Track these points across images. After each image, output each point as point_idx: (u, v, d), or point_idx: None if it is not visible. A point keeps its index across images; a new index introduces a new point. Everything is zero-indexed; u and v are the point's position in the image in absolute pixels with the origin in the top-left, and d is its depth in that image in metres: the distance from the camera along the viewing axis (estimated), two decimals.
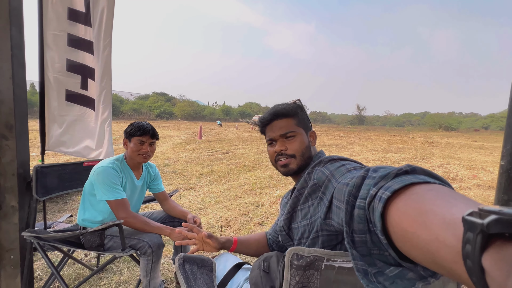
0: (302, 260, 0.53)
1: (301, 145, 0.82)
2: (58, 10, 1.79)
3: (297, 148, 0.81)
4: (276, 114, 0.84)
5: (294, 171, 0.82)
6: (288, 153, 0.82)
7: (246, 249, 0.97)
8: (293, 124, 0.83)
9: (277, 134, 0.83)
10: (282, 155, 0.82)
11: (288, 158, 0.82)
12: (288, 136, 0.82)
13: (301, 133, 0.83)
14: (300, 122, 0.84)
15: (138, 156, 1.43)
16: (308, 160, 0.82)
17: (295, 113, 0.84)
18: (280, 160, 0.83)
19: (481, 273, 0.21)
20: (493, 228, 0.20)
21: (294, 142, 0.82)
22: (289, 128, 0.82)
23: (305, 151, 0.82)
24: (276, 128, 0.84)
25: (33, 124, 1.92)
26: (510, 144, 1.07)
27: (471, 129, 49.70)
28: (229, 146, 10.17)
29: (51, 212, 2.94)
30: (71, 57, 1.88)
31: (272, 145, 0.86)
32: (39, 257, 1.94)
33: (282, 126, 0.83)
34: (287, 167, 0.82)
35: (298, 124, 0.84)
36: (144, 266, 1.36)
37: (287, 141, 0.82)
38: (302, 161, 0.81)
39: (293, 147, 0.81)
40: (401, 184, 0.37)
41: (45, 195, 1.53)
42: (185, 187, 4.23)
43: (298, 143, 0.82)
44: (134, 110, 46.88)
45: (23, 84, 1.34)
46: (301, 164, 0.81)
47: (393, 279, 0.41)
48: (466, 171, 6.31)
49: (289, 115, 0.84)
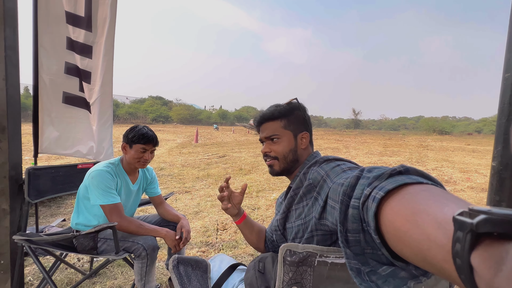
0: (295, 256, 0.53)
1: (285, 148, 0.84)
2: (56, 14, 1.79)
3: (280, 151, 0.84)
4: (264, 117, 0.88)
5: (277, 173, 0.87)
6: (271, 155, 0.86)
7: (248, 231, 0.96)
8: (278, 127, 0.85)
9: (263, 136, 0.88)
10: (267, 156, 0.87)
11: (272, 159, 0.86)
12: (273, 138, 0.86)
13: (287, 136, 0.85)
14: (288, 124, 0.85)
15: (138, 163, 1.43)
16: (292, 163, 0.85)
17: (283, 115, 0.85)
18: (266, 160, 0.88)
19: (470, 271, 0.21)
20: (482, 227, 0.20)
21: (277, 145, 0.85)
22: (274, 131, 0.85)
23: (288, 154, 0.84)
24: (263, 130, 0.88)
25: (26, 128, 1.89)
26: (501, 145, 1.09)
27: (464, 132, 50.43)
28: (226, 149, 10.15)
29: (44, 216, 2.89)
30: (69, 60, 1.89)
31: (263, 144, 0.90)
32: (30, 261, 1.89)
33: (267, 128, 0.87)
34: (271, 167, 0.87)
35: (285, 127, 0.85)
36: (138, 269, 1.33)
37: (272, 143, 0.86)
38: (285, 164, 0.85)
39: (277, 149, 0.85)
40: (395, 184, 0.37)
41: (38, 197, 1.50)
42: (181, 191, 4.20)
43: (282, 147, 0.84)
44: (130, 114, 46.56)
45: (17, 85, 1.33)
46: (284, 167, 0.85)
47: (385, 278, 0.41)
48: (460, 174, 6.39)
49: (276, 118, 0.86)
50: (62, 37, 1.84)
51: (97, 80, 1.94)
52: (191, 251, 2.25)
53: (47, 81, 1.83)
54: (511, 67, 1.04)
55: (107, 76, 1.95)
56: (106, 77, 1.95)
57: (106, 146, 2.00)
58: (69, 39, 1.85)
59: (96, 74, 1.94)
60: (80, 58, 1.90)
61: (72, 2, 1.80)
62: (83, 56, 1.90)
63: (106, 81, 1.95)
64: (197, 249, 2.31)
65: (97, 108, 1.97)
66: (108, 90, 1.97)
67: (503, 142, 1.07)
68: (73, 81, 1.93)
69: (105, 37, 1.89)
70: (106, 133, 2.00)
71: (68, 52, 1.87)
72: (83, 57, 1.90)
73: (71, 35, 1.84)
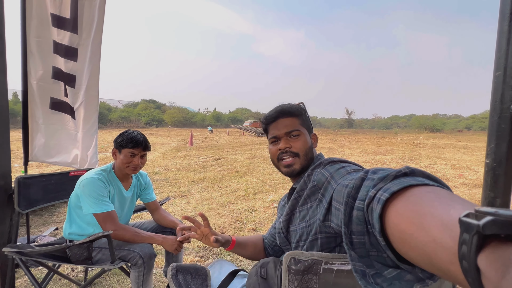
0: (300, 265, 0.52)
1: (305, 145, 0.82)
2: (42, 17, 1.74)
3: (301, 147, 0.81)
4: (282, 112, 0.84)
5: (297, 172, 0.81)
6: (292, 151, 0.80)
7: (243, 251, 0.95)
8: (298, 124, 0.83)
9: (282, 132, 0.82)
10: (287, 153, 0.81)
11: (293, 157, 0.80)
12: (293, 134, 0.82)
13: (305, 133, 0.84)
14: (304, 123, 0.85)
15: (127, 168, 1.38)
16: (310, 161, 0.82)
17: (300, 113, 0.85)
18: (284, 158, 0.82)
19: (477, 274, 0.21)
20: (489, 229, 0.20)
21: (298, 141, 0.81)
22: (294, 127, 0.82)
23: (308, 151, 0.82)
24: (281, 125, 0.83)
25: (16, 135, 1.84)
26: (494, 142, 1.11)
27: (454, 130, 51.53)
28: (221, 152, 10.11)
29: (35, 225, 2.81)
30: (56, 64, 1.83)
31: (275, 143, 0.85)
32: (21, 273, 1.83)
33: (287, 124, 0.83)
34: (290, 167, 0.81)
35: (302, 124, 0.85)
36: (135, 278, 1.30)
37: (292, 139, 0.82)
38: (305, 161, 0.81)
39: (298, 145, 0.81)
40: (400, 186, 0.37)
41: (28, 207, 1.46)
42: (177, 195, 4.15)
43: (303, 142, 0.81)
44: (123, 118, 46.00)
45: (5, 91, 1.29)
46: (304, 165, 0.81)
47: (391, 281, 0.41)
48: (452, 170, 6.51)
49: (295, 115, 0.84)
50: (49, 41, 1.79)
51: (82, 84, 1.89)
52: (188, 256, 2.22)
53: (35, 86, 1.78)
54: (501, 66, 1.06)
55: (92, 80, 1.89)
56: (92, 81, 1.89)
57: (90, 154, 1.94)
58: (54, 42, 1.80)
59: (81, 78, 1.88)
60: (65, 61, 1.84)
61: (57, 4, 1.75)
62: (68, 59, 1.84)
63: (92, 85, 1.90)
64: (195, 254, 2.28)
65: (81, 114, 1.92)
66: (94, 94, 1.91)
67: (496, 140, 1.09)
68: (59, 86, 1.88)
69: (92, 39, 1.84)
70: (90, 141, 1.94)
71: (54, 56, 1.82)
72: (68, 60, 1.84)
73: (56, 38, 1.79)
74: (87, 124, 1.93)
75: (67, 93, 1.90)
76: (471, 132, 45.76)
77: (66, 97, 1.91)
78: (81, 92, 1.90)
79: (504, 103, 1.05)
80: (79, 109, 1.92)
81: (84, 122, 1.93)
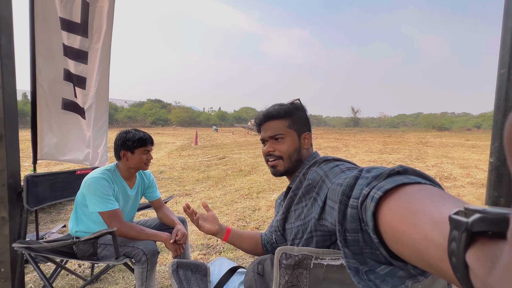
0: (290, 259, 0.53)
1: (289, 148, 0.83)
2: (52, 20, 1.80)
3: (285, 150, 0.83)
4: (268, 116, 0.86)
5: (281, 173, 0.85)
6: (275, 154, 0.84)
7: (240, 243, 0.96)
8: (283, 127, 0.84)
9: (267, 135, 0.86)
10: (271, 156, 0.85)
11: (276, 159, 0.84)
12: (277, 138, 0.84)
13: (291, 135, 0.84)
14: (293, 124, 0.85)
15: (145, 165, 1.48)
16: (296, 162, 0.84)
17: (288, 114, 0.85)
18: (269, 160, 0.86)
19: (465, 270, 0.22)
20: (477, 226, 0.21)
21: (282, 144, 0.84)
22: (278, 131, 0.84)
23: (293, 153, 0.83)
24: (267, 129, 0.86)
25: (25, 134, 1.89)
26: (498, 141, 1.09)
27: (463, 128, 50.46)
28: (225, 151, 10.15)
29: (44, 222, 2.89)
30: (67, 66, 1.89)
31: (264, 144, 0.89)
32: (31, 269, 1.89)
33: (272, 127, 0.85)
34: (274, 168, 0.86)
35: (289, 126, 0.85)
36: (139, 274, 1.33)
37: (276, 142, 0.85)
38: (289, 163, 0.84)
39: (281, 148, 0.83)
40: (393, 184, 0.37)
41: (37, 205, 1.50)
42: (181, 194, 4.20)
43: (286, 146, 0.83)
44: (129, 117, 46.52)
45: (13, 93, 1.33)
46: (289, 167, 0.84)
47: (384, 277, 0.42)
48: (459, 170, 6.39)
49: (280, 117, 0.85)
50: (59, 44, 1.85)
51: (92, 86, 1.95)
52: (192, 254, 2.25)
53: (45, 87, 1.83)
54: (506, 63, 1.04)
55: (103, 82, 1.95)
56: (102, 83, 1.95)
57: (100, 152, 2.00)
58: (64, 45, 1.86)
59: (92, 80, 1.94)
60: (75, 64, 1.90)
61: (67, 9, 1.81)
62: (78, 61, 1.90)
63: (102, 87, 1.96)
64: (198, 251, 2.30)
65: (92, 114, 1.98)
66: (104, 96, 1.98)
67: (500, 138, 1.07)
68: (70, 87, 1.94)
69: (102, 43, 1.90)
70: (101, 139, 2.00)
71: (65, 58, 1.88)
72: (78, 62, 1.91)
73: (65, 41, 1.85)
74: (98, 123, 2.00)
75: (77, 94, 1.96)
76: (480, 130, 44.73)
77: (75, 98, 1.97)
78: (91, 94, 1.96)
79: (509, 101, 1.03)
80: (90, 110, 1.98)
81: (95, 122, 1.99)
